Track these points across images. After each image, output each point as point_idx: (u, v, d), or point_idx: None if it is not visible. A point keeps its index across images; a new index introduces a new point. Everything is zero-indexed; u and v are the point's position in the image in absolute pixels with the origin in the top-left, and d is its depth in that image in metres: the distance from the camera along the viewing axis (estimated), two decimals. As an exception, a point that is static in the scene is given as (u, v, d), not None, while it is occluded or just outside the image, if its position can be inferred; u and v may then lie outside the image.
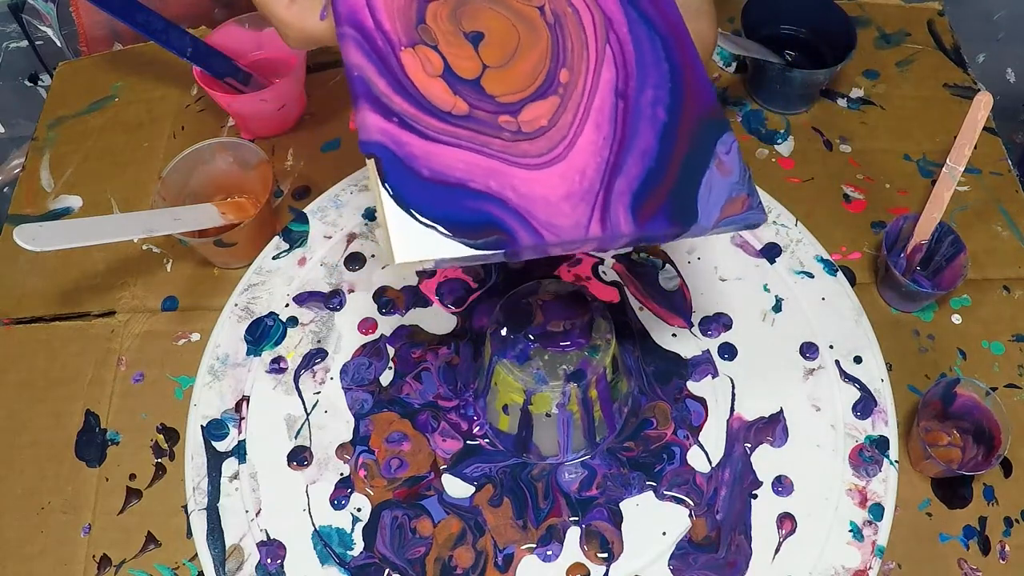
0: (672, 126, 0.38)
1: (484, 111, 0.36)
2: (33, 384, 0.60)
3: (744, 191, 0.37)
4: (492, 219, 0.34)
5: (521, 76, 0.37)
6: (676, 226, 0.36)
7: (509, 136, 0.36)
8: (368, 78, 0.35)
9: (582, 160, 0.36)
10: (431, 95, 0.36)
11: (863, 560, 0.50)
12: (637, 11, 0.40)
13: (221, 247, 0.60)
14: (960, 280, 0.57)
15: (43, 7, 0.78)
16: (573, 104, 0.37)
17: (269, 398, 0.56)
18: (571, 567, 0.50)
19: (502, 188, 0.35)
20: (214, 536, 0.52)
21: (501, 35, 0.38)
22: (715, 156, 0.38)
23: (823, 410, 0.54)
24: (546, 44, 0.38)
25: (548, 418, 0.49)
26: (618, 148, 0.37)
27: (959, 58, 0.73)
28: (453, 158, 0.35)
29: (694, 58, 0.40)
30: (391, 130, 0.34)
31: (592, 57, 0.39)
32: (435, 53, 0.37)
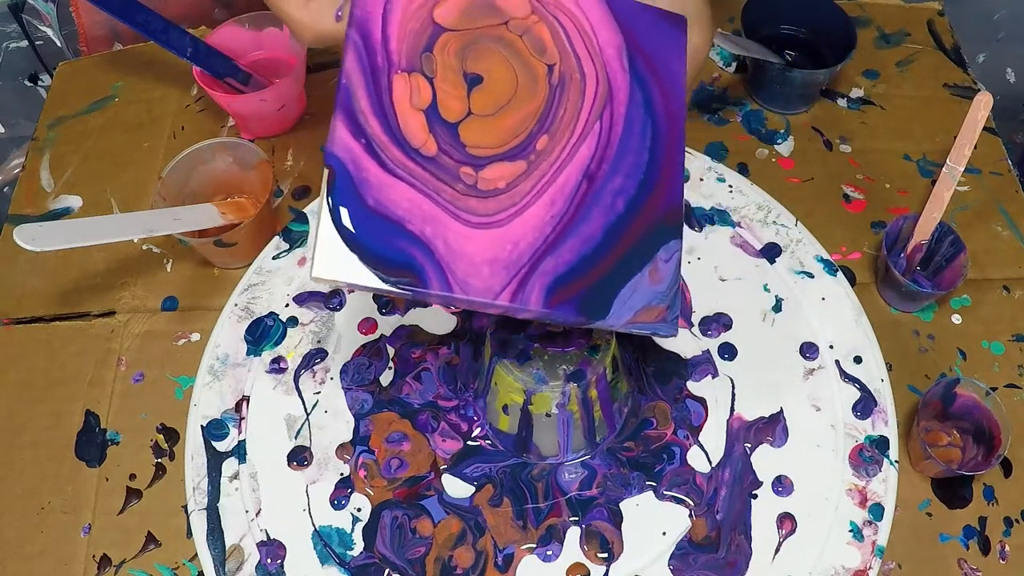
0: (625, 220, 0.38)
1: (450, 158, 0.36)
2: (33, 384, 0.60)
3: (665, 303, 0.38)
4: (412, 263, 0.35)
5: (500, 131, 0.37)
6: (583, 317, 0.37)
7: (463, 188, 0.36)
8: (353, 90, 0.36)
9: (520, 231, 0.36)
10: (407, 127, 0.36)
11: (863, 560, 0.50)
12: (643, 90, 0.40)
13: (221, 247, 0.60)
14: (960, 280, 0.57)
15: (43, 7, 0.79)
16: (538, 174, 0.37)
17: (269, 398, 0.56)
18: (571, 567, 0.50)
19: (434, 236, 0.35)
20: (214, 536, 0.52)
21: (499, 84, 0.38)
22: (653, 261, 0.38)
23: (823, 410, 0.54)
24: (539, 105, 0.38)
25: (548, 418, 0.49)
26: (562, 228, 0.37)
27: (959, 58, 0.73)
28: (401, 196, 0.35)
29: (677, 155, 0.39)
30: (355, 151, 0.35)
31: (578, 130, 0.38)
32: (428, 86, 0.37)
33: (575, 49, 0.39)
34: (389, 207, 0.35)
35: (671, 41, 0.41)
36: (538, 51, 0.39)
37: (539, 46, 0.39)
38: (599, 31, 0.39)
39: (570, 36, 0.39)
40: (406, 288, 0.34)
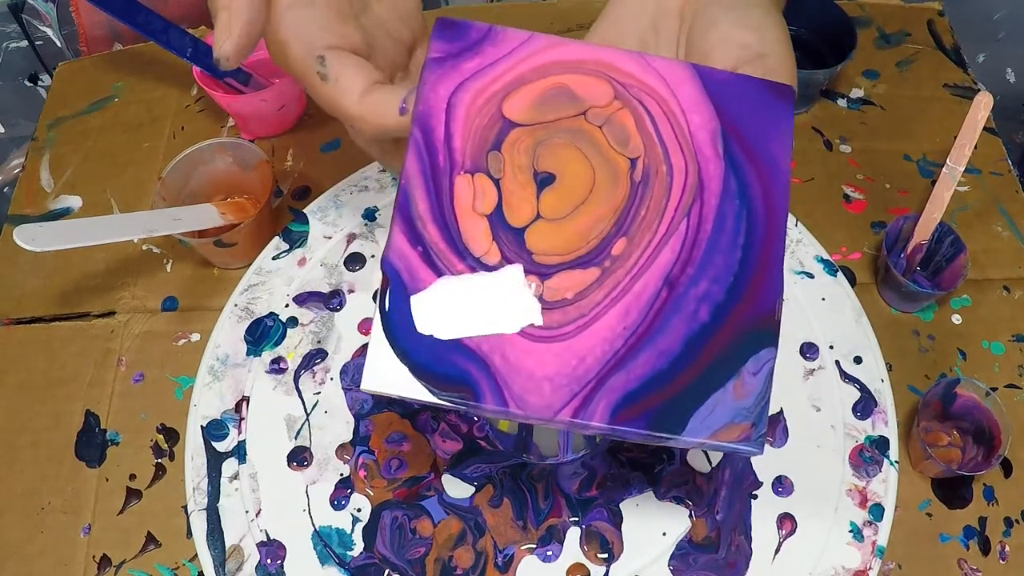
0: (709, 330, 0.33)
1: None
2: (33, 384, 0.60)
3: (749, 420, 0.33)
4: (466, 378, 0.32)
5: (572, 236, 0.34)
6: (653, 436, 0.33)
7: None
8: (412, 193, 0.33)
9: (588, 345, 0.33)
10: (468, 234, 0.33)
11: (863, 560, 0.50)
12: (738, 178, 0.35)
13: (221, 247, 0.60)
14: (960, 280, 0.57)
15: (43, 7, 0.79)
16: (612, 281, 0.34)
17: (269, 398, 0.56)
18: (571, 567, 0.50)
19: (491, 352, 0.32)
20: (214, 536, 0.52)
21: (574, 183, 0.34)
22: (739, 375, 0.33)
23: (823, 410, 0.54)
24: (618, 204, 0.34)
25: (548, 419, 0.49)
26: (635, 341, 0.33)
27: (959, 58, 0.73)
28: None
29: (775, 251, 0.34)
30: (411, 260, 0.33)
31: (661, 231, 0.34)
32: (493, 188, 0.34)
33: (662, 137, 0.35)
34: None
35: (774, 117, 0.36)
36: (620, 143, 0.35)
37: (622, 137, 0.35)
38: (690, 114, 0.35)
39: (657, 123, 0.35)
40: (459, 403, 0.32)
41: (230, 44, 0.35)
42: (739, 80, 0.36)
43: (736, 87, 0.36)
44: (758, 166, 0.35)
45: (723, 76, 0.36)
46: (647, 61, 0.36)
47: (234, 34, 0.35)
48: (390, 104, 0.37)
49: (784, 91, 0.36)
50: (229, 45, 0.35)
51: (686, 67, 0.36)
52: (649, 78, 0.36)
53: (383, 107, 0.37)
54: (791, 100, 0.36)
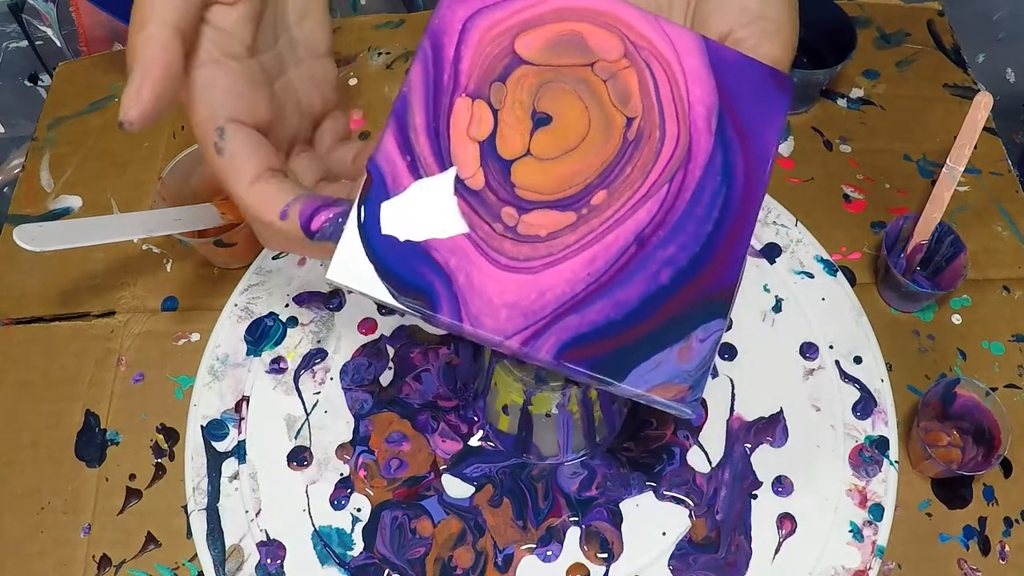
0: (667, 292, 0.35)
1: (496, 196, 0.34)
2: (33, 384, 0.60)
3: (687, 383, 0.34)
4: (429, 289, 0.33)
5: (556, 178, 0.35)
6: (594, 378, 0.34)
7: (500, 229, 0.34)
8: (411, 103, 0.34)
9: (550, 283, 0.34)
10: (457, 155, 0.34)
11: (863, 560, 0.50)
12: (725, 155, 0.36)
13: (221, 247, 0.59)
14: (960, 280, 0.57)
15: (43, 7, 0.78)
16: (585, 229, 0.35)
17: (269, 398, 0.56)
18: (571, 567, 0.50)
19: (457, 269, 0.33)
20: (214, 536, 0.52)
21: (568, 128, 0.35)
22: (687, 340, 0.35)
23: (823, 410, 0.54)
24: (607, 158, 0.35)
25: (548, 418, 0.49)
26: (595, 289, 0.34)
27: (959, 58, 0.73)
28: None
29: (744, 232, 0.36)
30: (398, 166, 0.34)
31: (642, 191, 0.35)
32: (491, 117, 0.35)
33: (662, 103, 0.36)
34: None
35: (770, 105, 0.37)
36: (621, 101, 0.36)
37: (623, 95, 0.36)
38: (692, 86, 0.36)
39: (659, 88, 0.36)
40: (415, 309, 0.33)
41: (136, 111, 0.33)
42: (745, 63, 0.37)
43: (741, 69, 0.37)
44: (746, 149, 0.36)
45: (730, 55, 0.37)
46: (661, 25, 0.36)
47: (143, 101, 0.33)
48: (274, 202, 0.35)
49: (784, 83, 0.37)
50: (135, 111, 0.33)
51: (696, 39, 0.36)
52: (660, 42, 0.36)
53: (267, 202, 0.35)
54: (789, 91, 0.37)
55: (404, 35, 0.76)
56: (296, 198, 0.35)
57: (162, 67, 0.33)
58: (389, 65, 0.74)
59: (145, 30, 0.33)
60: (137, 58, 0.33)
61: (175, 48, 0.33)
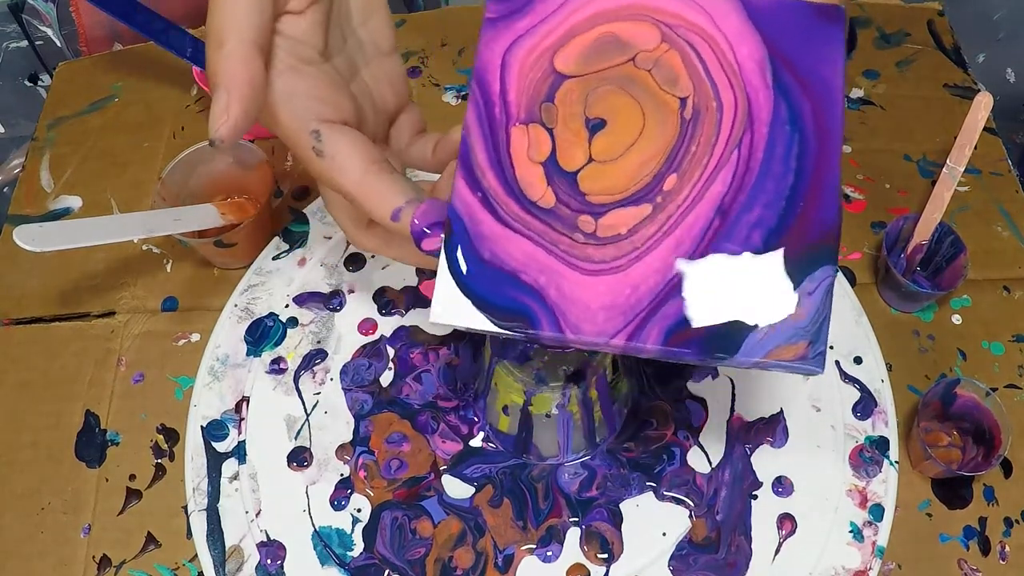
0: (762, 253, 0.34)
1: (568, 208, 0.35)
2: (33, 384, 0.60)
3: (806, 339, 0.33)
4: (525, 310, 0.34)
5: (623, 176, 0.35)
6: (707, 356, 0.34)
7: (581, 238, 0.35)
8: (472, 144, 0.35)
9: (641, 275, 0.34)
10: (524, 180, 0.35)
11: (863, 561, 0.50)
12: (789, 104, 0.35)
13: (221, 247, 0.59)
14: (960, 280, 0.57)
15: (43, 7, 0.79)
16: (664, 216, 0.35)
17: (269, 399, 0.56)
18: (571, 568, 0.50)
19: (547, 285, 0.34)
20: (214, 537, 0.52)
21: (624, 126, 0.36)
22: (796, 292, 0.34)
23: (823, 411, 0.54)
24: (668, 143, 0.35)
25: (548, 419, 0.49)
26: (695, 264, 0.34)
27: (959, 58, 0.73)
28: (516, 248, 0.35)
29: (830, 172, 0.35)
30: (472, 204, 0.35)
31: (712, 164, 0.35)
32: (547, 137, 0.36)
33: (711, 74, 0.36)
34: (504, 259, 0.35)
35: (823, 40, 0.36)
36: (669, 83, 0.36)
37: (671, 77, 0.36)
38: (737, 46, 0.36)
39: (705, 61, 0.36)
40: (517, 331, 0.34)
41: (226, 128, 0.34)
42: (785, 6, 0.36)
43: (782, 13, 0.36)
44: (809, 91, 0.36)
45: (768, 3, 0.36)
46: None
47: (232, 117, 0.34)
48: (388, 198, 0.37)
49: (832, 12, 0.37)
50: (225, 129, 0.34)
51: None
52: (694, 15, 0.36)
53: (381, 198, 0.37)
54: (841, 21, 0.37)
55: (404, 35, 0.76)
56: (409, 201, 0.37)
57: (247, 82, 0.34)
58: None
59: (224, 47, 0.33)
60: (221, 76, 0.34)
61: (256, 62, 0.34)
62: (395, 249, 0.43)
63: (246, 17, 0.34)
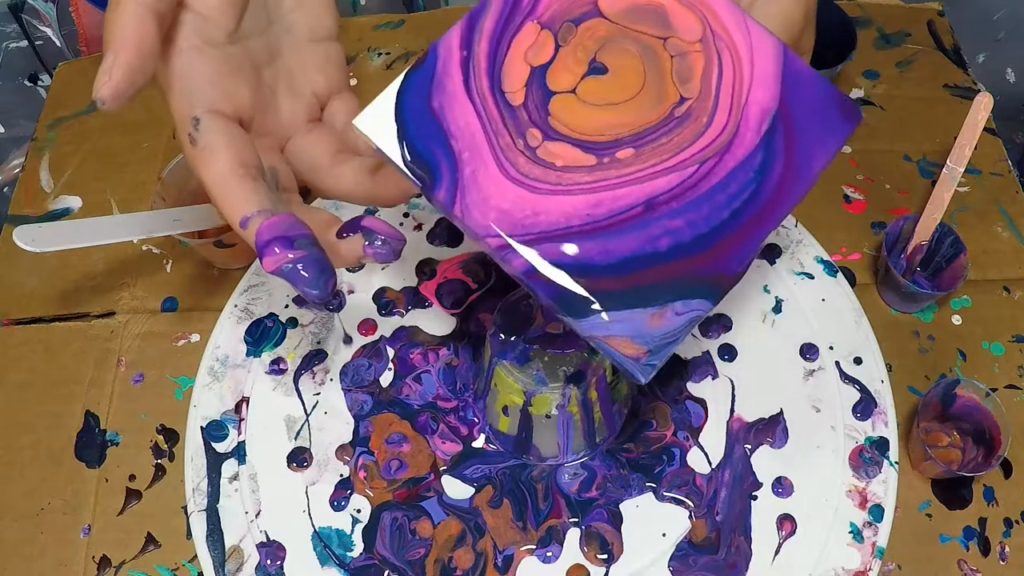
0: (660, 259, 0.34)
1: (527, 116, 0.35)
2: (33, 385, 0.60)
3: (647, 347, 0.34)
4: (435, 168, 0.35)
5: (591, 123, 0.36)
6: (555, 304, 0.35)
7: (520, 145, 0.35)
8: (488, 8, 0.36)
9: (547, 207, 0.35)
10: (508, 69, 0.36)
11: (863, 561, 0.50)
12: (764, 160, 0.36)
13: (221, 248, 0.59)
14: (960, 281, 0.57)
15: (43, 7, 0.78)
16: (601, 174, 0.35)
17: (269, 399, 0.56)
18: (571, 568, 0.50)
19: (468, 162, 0.35)
20: (214, 537, 0.52)
21: (619, 84, 0.36)
22: (664, 308, 0.34)
23: (823, 411, 0.54)
24: (646, 122, 0.36)
25: (548, 419, 0.49)
26: (590, 230, 0.35)
27: (959, 58, 0.73)
28: (463, 116, 0.35)
29: (760, 233, 0.36)
30: (452, 56, 0.36)
31: (669, 162, 0.35)
32: (551, 50, 0.36)
33: (719, 93, 0.36)
34: (447, 118, 0.35)
35: (831, 130, 0.37)
36: (681, 79, 0.36)
37: (685, 75, 0.36)
38: (756, 87, 0.36)
39: (722, 79, 0.36)
40: (418, 179, 0.35)
41: (108, 89, 0.32)
42: (818, 82, 0.37)
43: (812, 85, 0.37)
44: (790, 159, 0.36)
45: (806, 71, 0.37)
46: (745, 21, 0.37)
47: (114, 78, 0.32)
48: (240, 204, 0.35)
49: (851, 111, 0.37)
50: (107, 90, 0.32)
51: (776, 44, 0.37)
52: (738, 36, 0.37)
53: (233, 202, 0.35)
54: (854, 122, 0.37)
55: (404, 35, 0.76)
56: (261, 211, 0.34)
57: (135, 44, 0.33)
58: (389, 65, 0.74)
59: (119, 7, 0.33)
60: (109, 36, 0.33)
61: (148, 25, 0.33)
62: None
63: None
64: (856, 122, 0.37)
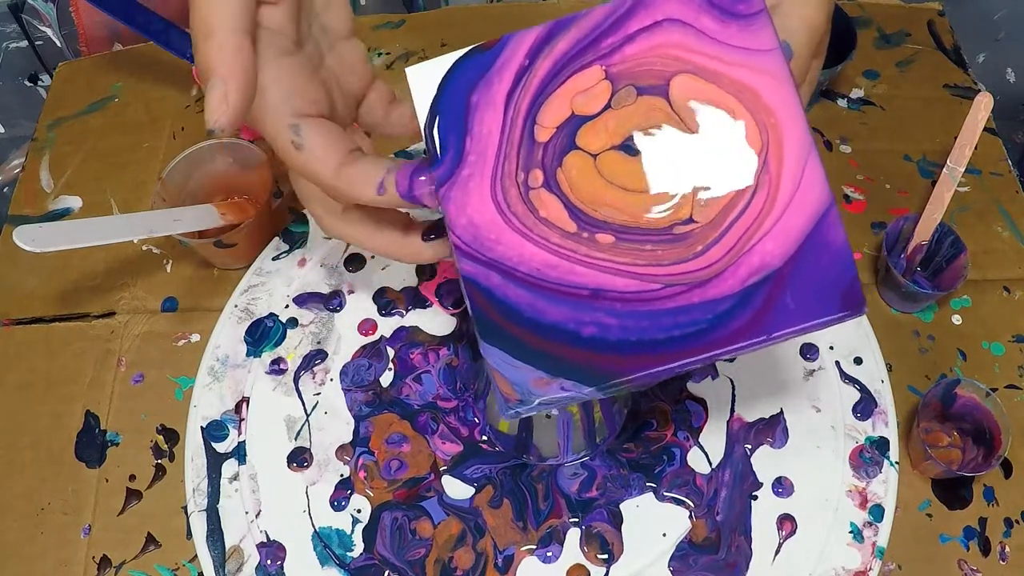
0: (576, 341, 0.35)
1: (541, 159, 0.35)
2: (33, 385, 0.60)
3: (520, 397, 0.35)
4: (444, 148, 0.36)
5: (587, 196, 0.35)
6: (475, 323, 0.35)
7: (521, 178, 0.35)
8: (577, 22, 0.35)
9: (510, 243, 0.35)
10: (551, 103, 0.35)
11: (863, 561, 0.50)
12: (734, 312, 0.34)
13: (221, 248, 0.59)
14: (960, 281, 0.57)
15: (43, 7, 0.78)
16: (570, 245, 0.35)
17: (269, 399, 0.56)
18: (571, 568, 0.50)
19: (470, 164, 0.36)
20: (214, 537, 0.52)
21: (642, 174, 0.35)
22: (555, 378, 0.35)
23: (823, 411, 0.54)
24: (638, 222, 0.35)
25: (548, 420, 0.49)
26: (531, 282, 0.35)
27: (959, 58, 0.73)
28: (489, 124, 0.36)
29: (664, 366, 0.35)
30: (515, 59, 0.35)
31: (638, 269, 0.35)
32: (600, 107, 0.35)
33: (729, 230, 0.34)
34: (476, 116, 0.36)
35: (814, 313, 0.34)
36: (699, 208, 0.35)
37: (709, 199, 0.35)
38: (770, 237, 0.34)
39: (742, 217, 0.34)
40: (430, 144, 0.36)
41: (227, 117, 0.33)
42: (840, 257, 0.34)
43: (831, 259, 0.34)
44: (758, 319, 0.34)
45: (836, 242, 0.34)
46: (806, 161, 0.34)
47: (231, 105, 0.33)
48: (368, 179, 0.37)
49: (854, 307, 0.34)
50: (226, 118, 0.33)
51: (821, 201, 0.34)
52: (787, 180, 0.34)
53: (361, 181, 0.37)
54: (852, 315, 0.35)
55: (404, 35, 0.76)
56: (388, 171, 0.37)
57: (242, 70, 0.34)
58: (389, 65, 0.74)
59: (215, 37, 0.33)
60: (215, 66, 0.33)
61: (249, 51, 0.34)
62: (375, 236, 0.43)
63: (233, 6, 0.34)
64: (854, 316, 0.35)
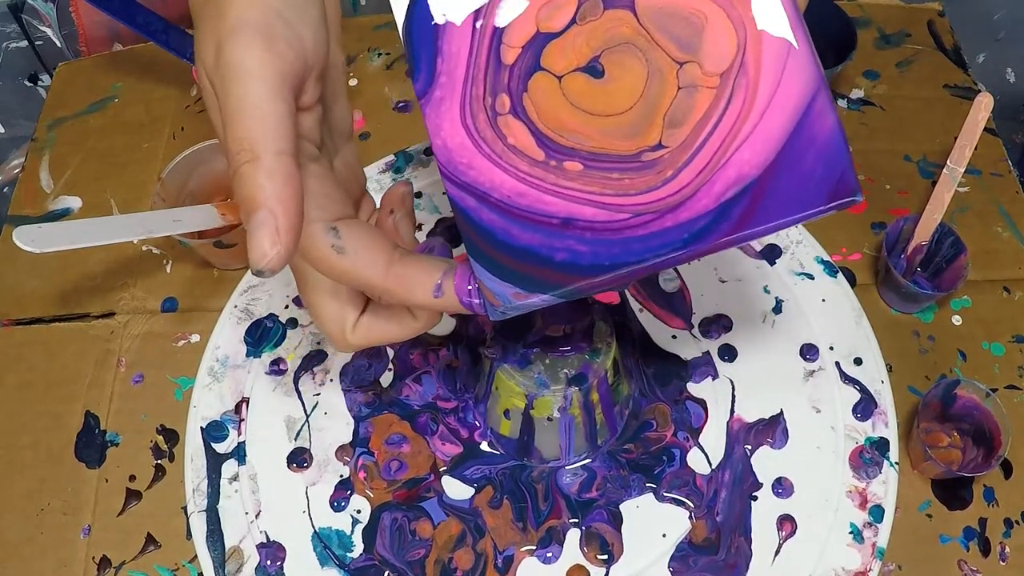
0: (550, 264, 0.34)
1: (507, 80, 0.33)
2: (33, 385, 0.60)
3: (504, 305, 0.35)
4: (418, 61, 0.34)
5: (555, 120, 0.33)
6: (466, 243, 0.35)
7: (488, 103, 0.34)
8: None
9: (481, 168, 0.34)
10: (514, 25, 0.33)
11: (863, 562, 0.50)
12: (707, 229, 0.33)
13: (221, 248, 0.59)
14: (960, 281, 0.57)
15: (43, 7, 0.78)
16: (538, 173, 0.33)
17: (269, 400, 0.56)
18: (571, 569, 0.50)
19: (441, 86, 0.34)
20: (214, 538, 0.52)
21: (606, 98, 0.33)
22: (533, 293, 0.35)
23: (823, 412, 0.54)
24: (606, 148, 0.33)
25: (550, 422, 0.49)
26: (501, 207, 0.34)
27: (959, 58, 0.73)
28: (457, 43, 0.33)
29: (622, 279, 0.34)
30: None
31: (606, 199, 0.33)
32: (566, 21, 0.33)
33: (700, 150, 0.33)
34: (445, 34, 0.34)
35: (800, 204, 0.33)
36: (671, 122, 0.33)
37: (678, 119, 0.33)
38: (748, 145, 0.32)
39: (715, 131, 0.32)
40: (408, 51, 0.34)
41: (280, 259, 0.29)
42: (831, 151, 0.33)
43: (816, 152, 0.33)
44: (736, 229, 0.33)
45: (823, 134, 0.33)
46: (787, 56, 0.32)
47: (284, 244, 0.29)
48: (424, 280, 0.35)
49: (844, 193, 0.34)
50: (279, 260, 0.29)
51: (809, 88, 0.32)
52: (767, 77, 0.32)
53: (416, 283, 0.35)
54: (840, 205, 0.34)
55: (404, 35, 0.76)
56: (444, 273, 0.35)
57: (294, 201, 0.30)
58: (389, 65, 0.74)
59: (262, 161, 0.29)
60: (262, 198, 0.29)
61: (298, 177, 0.30)
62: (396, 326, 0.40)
63: (280, 124, 0.30)
64: (845, 205, 0.33)
